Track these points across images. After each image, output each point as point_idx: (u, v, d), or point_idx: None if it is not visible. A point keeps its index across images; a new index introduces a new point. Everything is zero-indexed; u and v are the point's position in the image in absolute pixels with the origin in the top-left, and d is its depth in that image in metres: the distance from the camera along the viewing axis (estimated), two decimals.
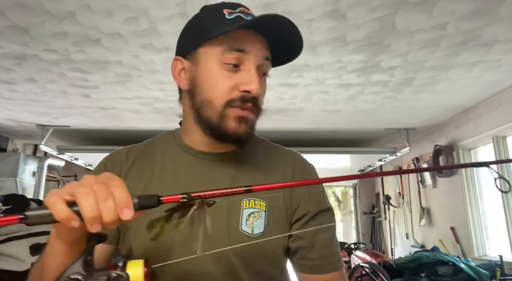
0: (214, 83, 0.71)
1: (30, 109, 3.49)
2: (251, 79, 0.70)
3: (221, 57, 0.71)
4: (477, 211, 3.45)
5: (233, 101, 0.70)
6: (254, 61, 0.71)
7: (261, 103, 0.75)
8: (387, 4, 1.77)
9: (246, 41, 0.71)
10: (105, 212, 0.46)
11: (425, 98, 3.13)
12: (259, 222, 0.73)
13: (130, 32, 2.04)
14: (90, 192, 0.46)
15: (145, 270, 0.48)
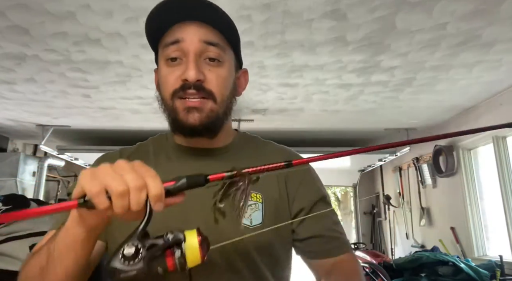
0: (163, 81, 0.75)
1: (30, 109, 3.48)
2: (187, 66, 0.71)
3: (163, 54, 0.74)
4: (477, 211, 3.45)
5: (176, 92, 0.72)
6: (190, 46, 0.71)
7: (215, 88, 0.73)
8: (387, 4, 1.77)
9: (180, 32, 0.72)
10: (133, 203, 0.47)
11: (425, 98, 3.13)
12: (257, 214, 0.75)
13: (130, 32, 2.04)
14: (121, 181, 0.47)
15: (199, 238, 0.50)
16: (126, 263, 0.46)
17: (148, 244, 0.48)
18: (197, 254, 0.49)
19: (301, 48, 2.24)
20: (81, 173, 0.50)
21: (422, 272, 2.77)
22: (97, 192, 0.47)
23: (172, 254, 0.49)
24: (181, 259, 0.48)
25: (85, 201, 0.49)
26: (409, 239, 4.63)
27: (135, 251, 0.46)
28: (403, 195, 4.82)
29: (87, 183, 0.48)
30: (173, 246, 0.49)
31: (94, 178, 0.49)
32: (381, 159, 4.70)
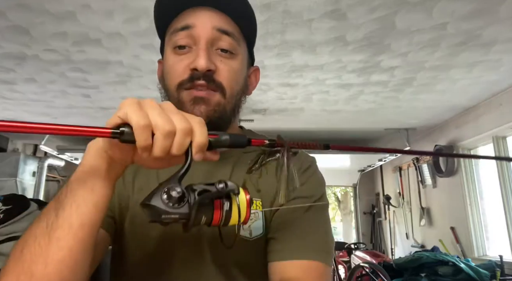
0: (169, 70, 0.68)
1: (30, 109, 3.48)
2: (197, 54, 0.64)
3: (171, 42, 0.68)
4: (477, 211, 3.45)
5: (183, 83, 0.65)
6: (201, 33, 0.65)
7: (226, 81, 0.66)
8: (387, 4, 1.77)
9: (190, 17, 0.66)
10: (177, 146, 0.44)
11: (425, 98, 3.13)
12: (257, 224, 0.67)
13: (130, 32, 2.04)
14: (170, 121, 0.43)
15: (248, 197, 0.47)
16: (170, 204, 0.42)
17: (199, 189, 0.44)
18: (245, 212, 0.46)
19: (301, 48, 2.24)
20: (126, 100, 0.45)
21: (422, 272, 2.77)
22: (145, 125, 0.42)
23: (220, 206, 0.45)
24: (228, 214, 0.45)
25: (122, 133, 0.43)
26: (409, 239, 4.63)
27: (181, 194, 0.42)
28: (403, 195, 4.82)
29: (134, 112, 0.43)
30: (223, 198, 0.45)
31: (141, 109, 0.43)
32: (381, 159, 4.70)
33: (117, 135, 0.43)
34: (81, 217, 0.48)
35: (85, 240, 0.48)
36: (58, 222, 0.48)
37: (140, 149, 0.43)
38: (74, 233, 0.47)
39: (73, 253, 0.47)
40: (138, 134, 0.42)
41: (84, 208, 0.48)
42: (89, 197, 0.48)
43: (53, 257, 0.46)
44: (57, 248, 0.47)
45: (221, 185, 0.44)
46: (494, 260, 2.88)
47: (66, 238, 0.47)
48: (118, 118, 0.43)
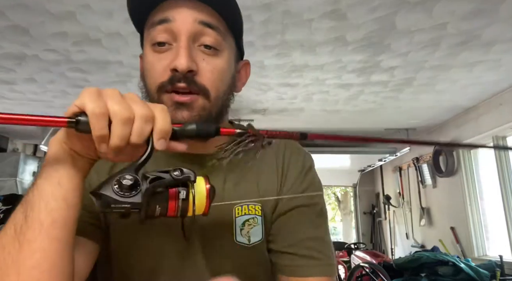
0: (148, 69, 0.62)
1: (30, 109, 3.48)
2: (177, 52, 0.58)
3: (149, 37, 0.61)
4: (477, 211, 3.45)
5: (164, 85, 0.59)
6: (182, 28, 0.59)
7: (209, 83, 0.60)
8: (387, 4, 1.77)
9: (170, 9, 0.60)
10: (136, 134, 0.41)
11: (425, 98, 3.13)
12: (256, 230, 0.64)
13: (130, 32, 2.04)
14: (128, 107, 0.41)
15: (208, 186, 0.45)
16: (120, 193, 0.39)
17: (151, 177, 0.41)
18: (203, 202, 0.43)
19: (301, 48, 2.24)
20: (85, 89, 0.42)
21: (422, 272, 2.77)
22: (100, 113, 0.40)
23: (175, 195, 0.42)
24: (185, 204, 0.42)
25: (78, 122, 0.40)
26: (409, 239, 4.63)
27: (134, 182, 0.39)
28: (403, 195, 4.82)
29: (91, 101, 0.41)
30: (179, 186, 0.42)
31: (99, 97, 0.41)
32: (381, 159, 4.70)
33: (73, 124, 0.41)
34: (51, 214, 0.44)
35: (59, 239, 0.45)
36: (28, 223, 0.44)
37: (96, 138, 0.41)
38: (46, 232, 0.43)
39: (48, 255, 0.44)
40: (93, 123, 0.40)
41: (54, 204, 0.44)
42: (57, 192, 0.45)
43: (26, 263, 0.42)
44: (30, 252, 0.43)
45: (176, 173, 0.42)
46: (494, 260, 2.88)
47: (38, 238, 0.43)
48: (75, 107, 0.41)
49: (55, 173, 0.46)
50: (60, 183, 0.45)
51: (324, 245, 0.66)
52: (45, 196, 0.45)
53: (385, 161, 4.74)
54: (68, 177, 0.46)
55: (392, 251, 5.05)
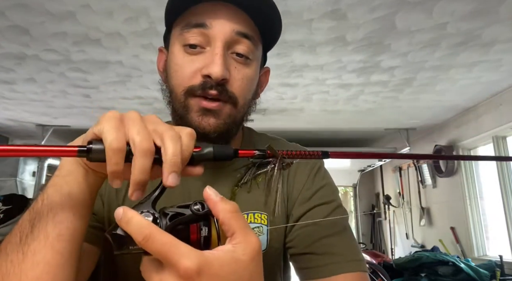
0: (176, 69, 0.61)
1: (30, 109, 3.48)
2: (212, 60, 0.57)
3: (181, 38, 0.60)
4: (477, 211, 3.45)
5: (193, 89, 0.58)
6: (218, 35, 0.58)
7: (239, 91, 0.60)
8: (387, 4, 1.77)
9: (208, 14, 0.59)
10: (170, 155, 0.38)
11: (425, 98, 3.13)
12: (260, 239, 0.62)
13: (130, 32, 2.03)
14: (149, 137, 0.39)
15: None
16: None
17: (171, 213, 0.39)
18: None
19: (301, 48, 2.24)
20: (107, 114, 0.40)
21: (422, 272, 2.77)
22: (118, 149, 0.38)
23: (197, 231, 0.39)
24: (207, 239, 0.39)
25: (88, 150, 0.38)
26: (409, 239, 4.63)
27: (152, 220, 0.37)
28: (403, 195, 4.82)
29: (110, 130, 0.38)
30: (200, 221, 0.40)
31: (121, 126, 0.39)
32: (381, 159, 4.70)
33: (84, 154, 0.39)
34: (58, 226, 0.43)
35: (64, 253, 0.43)
36: (34, 233, 0.43)
37: (109, 174, 0.39)
38: (50, 245, 0.42)
39: (51, 268, 0.42)
40: (109, 156, 0.38)
41: (62, 216, 0.43)
42: (67, 204, 0.44)
43: (28, 275, 0.41)
44: (32, 263, 0.42)
45: (197, 207, 0.39)
46: (494, 260, 2.88)
47: (42, 251, 0.42)
48: (93, 134, 0.40)
49: (67, 185, 0.45)
50: (71, 195, 0.44)
51: (346, 240, 0.64)
52: (54, 207, 0.44)
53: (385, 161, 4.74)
54: (79, 190, 0.45)
55: (392, 251, 5.05)
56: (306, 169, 0.70)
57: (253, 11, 0.60)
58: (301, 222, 0.65)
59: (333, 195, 0.69)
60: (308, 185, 0.68)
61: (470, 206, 3.47)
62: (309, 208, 0.66)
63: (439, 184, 4.01)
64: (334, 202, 0.68)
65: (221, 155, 0.43)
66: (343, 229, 0.65)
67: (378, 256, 4.02)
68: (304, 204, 0.66)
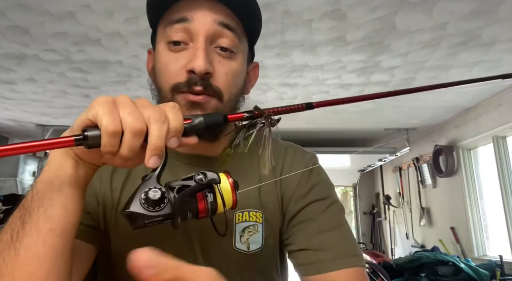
0: (162, 68, 0.61)
1: (30, 109, 3.48)
2: (195, 54, 0.57)
3: (165, 35, 0.61)
4: (477, 211, 3.45)
5: (179, 86, 0.59)
6: (200, 28, 0.58)
7: (223, 85, 0.60)
8: (387, 4, 1.77)
9: (189, 8, 0.59)
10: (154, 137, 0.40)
11: (425, 98, 3.13)
12: (256, 237, 0.63)
13: (130, 32, 2.03)
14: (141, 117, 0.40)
15: (231, 181, 0.45)
16: (150, 208, 0.40)
17: (178, 186, 0.42)
18: (230, 197, 0.44)
19: (301, 48, 2.24)
20: (98, 98, 0.41)
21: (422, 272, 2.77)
22: (114, 132, 0.39)
23: (203, 198, 0.43)
24: (213, 204, 0.43)
25: (85, 137, 0.39)
26: (409, 239, 4.63)
27: (161, 195, 0.40)
28: (403, 195, 4.82)
29: (105, 114, 0.39)
30: (204, 189, 0.43)
31: (114, 110, 0.40)
32: (381, 159, 4.70)
33: (81, 142, 0.40)
34: (49, 220, 0.43)
35: (56, 248, 0.43)
36: (25, 230, 0.43)
37: (105, 153, 0.40)
38: (43, 239, 0.42)
39: (44, 263, 0.42)
40: (105, 140, 0.39)
41: (53, 211, 0.43)
42: (57, 198, 0.44)
43: (22, 271, 0.41)
44: (26, 259, 0.42)
45: (199, 177, 0.42)
46: (494, 260, 2.88)
47: (34, 246, 0.42)
48: (88, 120, 0.40)
49: (56, 179, 0.45)
50: (61, 189, 0.44)
51: (343, 235, 0.64)
52: (44, 202, 0.44)
53: (385, 161, 4.74)
54: (70, 183, 0.45)
55: (392, 251, 5.05)
56: (300, 166, 0.70)
57: (233, 3, 0.61)
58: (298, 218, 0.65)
59: (328, 190, 0.70)
60: (304, 181, 0.68)
61: (470, 206, 3.47)
62: (305, 204, 0.66)
63: (439, 184, 4.01)
64: (330, 198, 0.68)
65: (212, 122, 0.46)
66: (339, 224, 0.65)
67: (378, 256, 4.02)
68: (300, 201, 0.67)
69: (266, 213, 0.65)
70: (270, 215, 0.65)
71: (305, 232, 0.64)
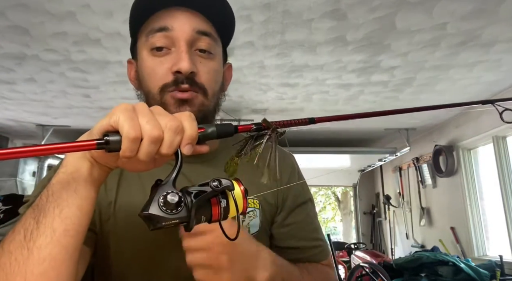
0: (148, 72, 0.67)
1: (30, 109, 3.48)
2: (180, 57, 0.63)
3: (147, 43, 0.66)
4: (477, 211, 3.45)
5: (167, 86, 0.65)
6: (180, 36, 0.64)
7: (207, 82, 0.66)
8: (387, 4, 1.77)
9: (168, 18, 0.65)
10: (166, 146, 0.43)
11: (425, 98, 3.13)
12: (254, 221, 0.71)
13: None
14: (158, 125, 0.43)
15: (242, 188, 0.48)
16: (168, 211, 0.42)
17: (195, 192, 0.44)
18: (241, 203, 0.47)
19: (301, 48, 2.24)
20: (120, 105, 0.43)
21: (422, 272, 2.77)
22: (135, 138, 0.41)
23: (217, 203, 0.46)
24: (226, 209, 0.46)
25: (107, 142, 0.42)
26: (409, 239, 4.63)
27: (179, 199, 0.43)
28: (403, 195, 4.82)
29: (126, 121, 0.41)
30: (218, 195, 0.46)
31: (134, 117, 0.42)
32: (381, 159, 4.70)
33: (103, 146, 0.42)
34: (64, 221, 0.44)
35: (68, 249, 0.44)
36: (40, 229, 0.43)
37: (122, 157, 0.43)
38: (57, 239, 0.43)
39: (57, 263, 0.43)
40: (125, 145, 0.41)
41: (68, 212, 0.44)
42: (73, 200, 0.45)
43: (34, 271, 0.42)
44: (39, 259, 0.43)
45: (215, 183, 0.45)
46: (494, 260, 2.88)
47: (48, 246, 0.43)
48: (109, 126, 0.42)
49: (73, 181, 0.46)
50: (76, 191, 0.46)
51: (321, 232, 0.81)
52: (60, 203, 0.45)
53: (385, 161, 4.74)
54: (85, 185, 0.46)
55: (392, 251, 5.05)
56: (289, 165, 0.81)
57: (208, 11, 0.67)
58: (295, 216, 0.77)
59: (309, 190, 0.83)
60: (296, 179, 0.79)
61: (470, 206, 3.47)
62: (302, 201, 0.78)
63: (439, 184, 4.01)
64: (312, 198, 0.83)
65: (223, 132, 0.50)
66: (318, 222, 0.82)
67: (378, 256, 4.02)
68: (297, 199, 0.78)
69: (262, 201, 0.73)
70: (265, 203, 0.74)
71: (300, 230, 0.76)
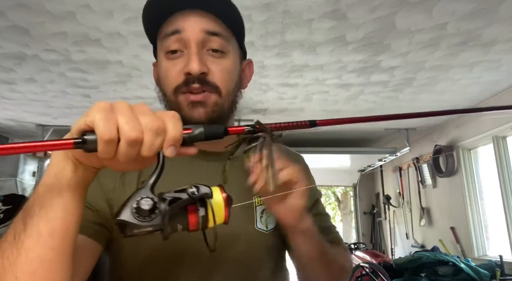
0: (164, 74, 0.70)
1: (30, 109, 3.48)
2: (189, 58, 0.65)
3: (163, 47, 0.69)
4: (477, 211, 3.45)
5: (179, 87, 0.67)
6: (191, 37, 0.66)
7: (220, 81, 0.67)
8: (387, 4, 1.77)
9: (180, 21, 0.67)
10: (146, 148, 0.41)
11: (425, 98, 3.13)
12: (271, 218, 0.72)
13: (130, 32, 2.03)
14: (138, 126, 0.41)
15: (224, 195, 0.45)
16: (140, 218, 0.40)
17: (169, 198, 0.41)
18: (222, 213, 0.44)
19: (301, 48, 2.24)
20: (96, 104, 0.42)
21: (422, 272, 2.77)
22: (109, 140, 0.40)
23: (195, 211, 0.43)
24: (205, 218, 0.43)
25: (84, 141, 0.40)
26: (409, 239, 4.63)
27: (152, 206, 0.40)
28: (403, 195, 4.82)
29: (102, 121, 0.40)
30: (196, 202, 0.43)
31: (111, 117, 0.40)
32: (381, 159, 4.70)
33: (80, 145, 0.40)
34: (49, 223, 0.44)
35: (57, 250, 0.45)
36: (27, 231, 0.44)
37: (101, 158, 0.42)
38: (44, 241, 0.44)
39: (46, 264, 0.44)
40: (101, 147, 0.40)
41: (52, 214, 0.44)
42: (57, 201, 0.45)
43: (24, 270, 0.43)
44: (27, 260, 0.43)
45: (192, 190, 0.42)
46: (494, 260, 2.88)
47: (36, 248, 0.43)
48: (86, 126, 0.41)
49: (57, 182, 0.45)
50: (60, 192, 0.45)
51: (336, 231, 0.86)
52: (44, 205, 0.45)
53: (385, 161, 4.74)
54: (69, 187, 0.45)
55: (392, 251, 5.05)
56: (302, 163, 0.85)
57: (217, 11, 0.68)
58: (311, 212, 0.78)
59: (319, 191, 0.89)
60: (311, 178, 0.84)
61: (470, 206, 3.47)
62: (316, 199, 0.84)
63: (439, 184, 4.01)
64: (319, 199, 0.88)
65: (211, 134, 0.46)
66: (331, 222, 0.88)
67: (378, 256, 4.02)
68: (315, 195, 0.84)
69: None
70: None
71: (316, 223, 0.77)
